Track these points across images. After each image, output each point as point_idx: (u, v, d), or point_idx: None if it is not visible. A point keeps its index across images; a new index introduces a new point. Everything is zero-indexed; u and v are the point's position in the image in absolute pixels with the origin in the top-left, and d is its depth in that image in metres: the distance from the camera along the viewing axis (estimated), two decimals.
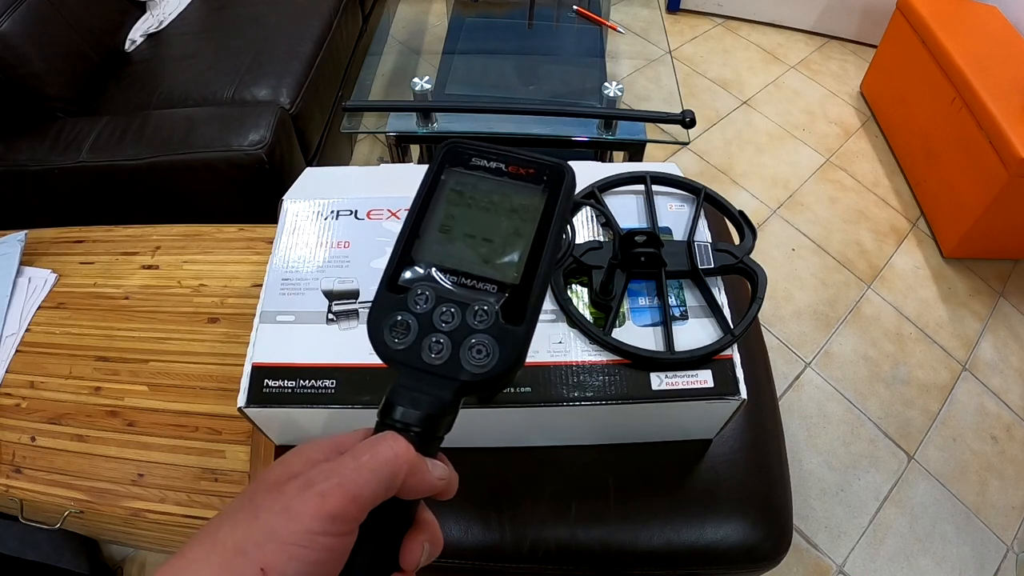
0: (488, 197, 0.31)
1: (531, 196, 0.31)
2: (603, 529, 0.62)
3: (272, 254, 0.62)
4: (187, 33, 1.52)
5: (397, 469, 0.25)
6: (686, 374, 0.56)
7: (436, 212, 0.31)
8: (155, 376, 0.78)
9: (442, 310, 0.28)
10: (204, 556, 0.23)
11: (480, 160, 0.32)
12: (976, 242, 1.62)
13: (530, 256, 0.29)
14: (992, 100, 1.48)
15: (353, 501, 0.23)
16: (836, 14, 2.27)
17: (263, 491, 0.24)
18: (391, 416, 0.27)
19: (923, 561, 1.21)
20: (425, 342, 0.28)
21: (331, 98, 1.55)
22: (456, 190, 0.31)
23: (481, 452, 0.65)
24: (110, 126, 1.23)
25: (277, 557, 0.22)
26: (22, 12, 1.20)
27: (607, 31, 1.58)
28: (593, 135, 1.26)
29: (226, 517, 0.24)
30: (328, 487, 0.23)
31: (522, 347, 0.28)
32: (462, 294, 0.29)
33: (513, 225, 0.30)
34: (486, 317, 0.28)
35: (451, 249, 0.30)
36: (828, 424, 1.38)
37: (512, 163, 0.31)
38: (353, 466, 0.24)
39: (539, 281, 0.29)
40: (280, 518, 0.23)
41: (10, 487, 0.71)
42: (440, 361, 0.27)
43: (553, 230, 0.30)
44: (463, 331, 0.28)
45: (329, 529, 0.23)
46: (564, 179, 0.31)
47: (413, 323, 0.28)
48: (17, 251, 0.88)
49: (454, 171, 0.32)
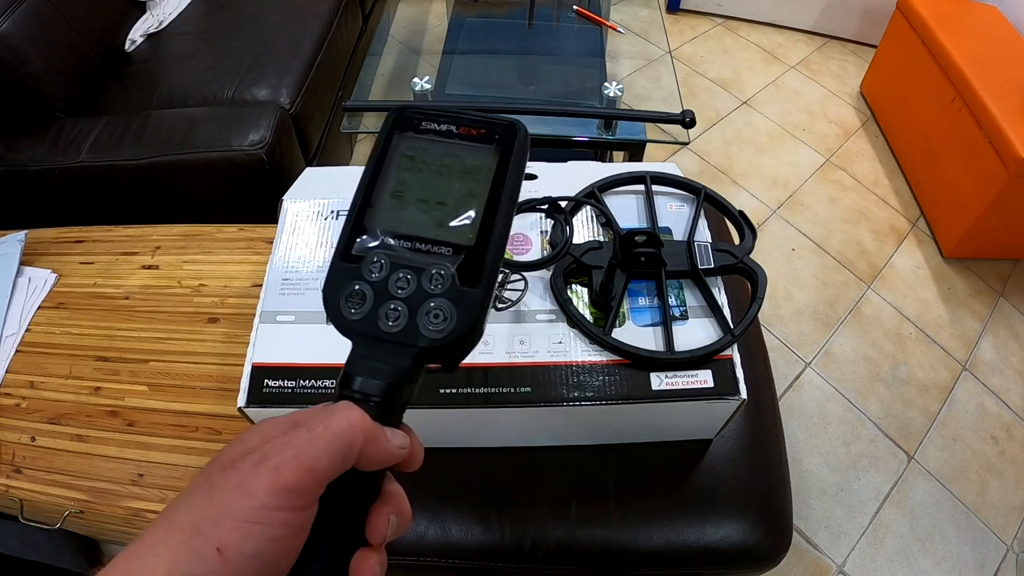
0: (439, 160, 0.30)
1: (483, 156, 0.30)
2: (603, 529, 0.62)
3: (272, 254, 0.62)
4: (187, 33, 1.52)
5: (353, 439, 0.24)
6: (686, 374, 0.56)
7: (388, 179, 0.30)
8: (155, 376, 0.78)
9: (397, 276, 0.28)
10: (162, 539, 0.22)
11: (430, 123, 0.31)
12: (976, 242, 1.62)
13: (484, 217, 0.29)
14: (992, 100, 1.48)
15: (308, 473, 0.23)
16: (836, 14, 2.27)
17: (218, 470, 0.24)
18: (349, 387, 0.26)
19: (923, 561, 1.21)
20: (381, 310, 0.27)
21: (331, 98, 1.55)
22: (407, 155, 0.30)
23: (481, 452, 0.65)
24: (110, 126, 1.23)
25: (233, 535, 0.22)
26: (22, 12, 1.20)
27: (607, 31, 1.58)
28: (593, 135, 1.27)
29: (183, 499, 0.23)
30: (282, 460, 0.23)
31: (480, 309, 0.27)
32: (417, 259, 0.28)
33: (466, 187, 0.29)
34: (442, 281, 0.27)
35: (404, 215, 0.29)
36: (828, 424, 1.38)
37: (462, 124, 0.31)
38: (307, 438, 0.23)
39: (495, 241, 0.28)
40: (234, 495, 0.22)
41: (10, 487, 0.71)
42: (397, 328, 0.27)
43: (507, 189, 0.29)
44: (419, 296, 0.27)
45: (285, 504, 0.22)
46: (516, 137, 0.30)
47: (368, 292, 0.28)
48: (17, 251, 0.88)
49: (404, 136, 0.31)
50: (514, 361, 0.56)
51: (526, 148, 0.31)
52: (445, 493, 0.64)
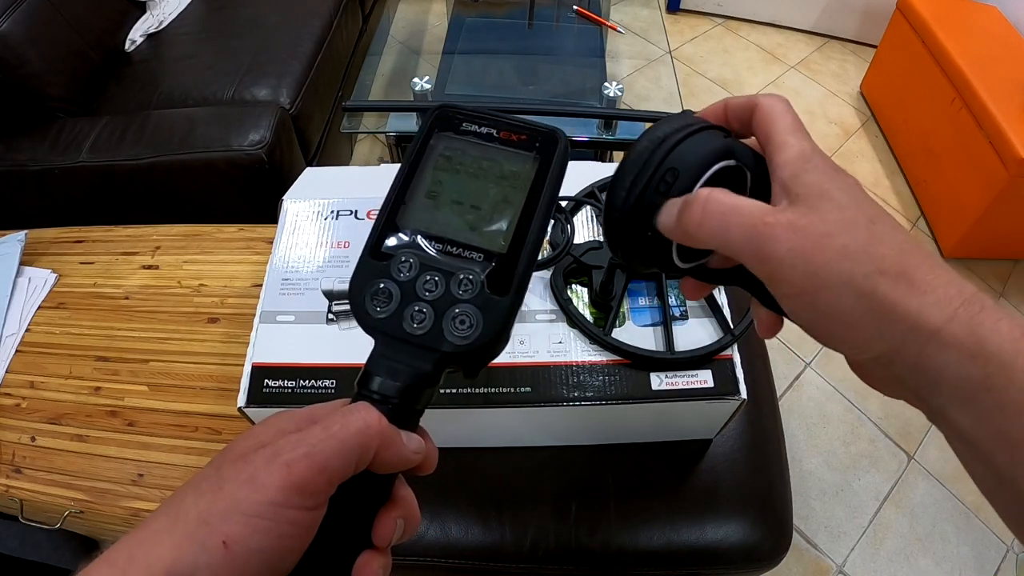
0: (477, 163, 0.30)
1: (522, 163, 0.30)
2: (603, 529, 0.62)
3: (272, 254, 0.62)
4: (187, 33, 1.52)
5: (368, 440, 0.24)
6: (686, 374, 0.56)
7: (423, 178, 0.30)
8: (155, 376, 0.78)
9: (426, 278, 0.27)
10: (167, 527, 0.22)
11: (470, 125, 0.31)
12: (976, 242, 1.62)
13: (519, 224, 0.28)
14: (992, 100, 1.48)
15: (320, 472, 0.22)
16: (836, 14, 2.27)
17: (229, 461, 0.23)
18: (368, 387, 0.26)
19: (923, 561, 1.21)
20: (407, 311, 0.27)
21: (331, 98, 1.55)
22: (445, 155, 0.30)
23: (481, 452, 0.65)
24: (110, 126, 1.23)
25: (241, 529, 0.21)
26: (22, 12, 1.20)
27: (607, 31, 1.58)
28: (593, 135, 1.27)
29: (191, 488, 0.23)
30: (295, 457, 0.22)
31: (507, 318, 0.27)
32: (447, 262, 0.28)
33: (502, 192, 0.29)
34: (471, 286, 0.27)
35: (437, 216, 0.29)
36: (828, 424, 1.38)
37: (503, 128, 0.30)
38: (322, 436, 0.23)
39: (527, 250, 0.28)
40: (245, 489, 0.22)
41: (10, 487, 0.71)
42: (422, 331, 0.26)
43: (544, 198, 0.29)
44: (447, 300, 0.27)
45: (295, 501, 0.22)
46: (557, 146, 0.30)
47: (395, 291, 0.27)
48: (17, 251, 0.88)
49: (443, 136, 0.30)
50: (514, 361, 0.56)
51: (566, 157, 0.30)
52: (445, 493, 0.64)
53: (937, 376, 0.23)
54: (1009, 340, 0.22)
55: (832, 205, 0.25)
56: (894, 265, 0.24)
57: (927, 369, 0.24)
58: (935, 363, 0.23)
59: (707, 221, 0.27)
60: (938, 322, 0.23)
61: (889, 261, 0.24)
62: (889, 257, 0.24)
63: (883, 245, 0.24)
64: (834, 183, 0.26)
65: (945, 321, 0.23)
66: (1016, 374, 0.22)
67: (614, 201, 0.30)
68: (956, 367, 0.23)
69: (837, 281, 0.24)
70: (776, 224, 0.25)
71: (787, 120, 0.28)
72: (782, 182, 0.27)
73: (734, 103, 0.31)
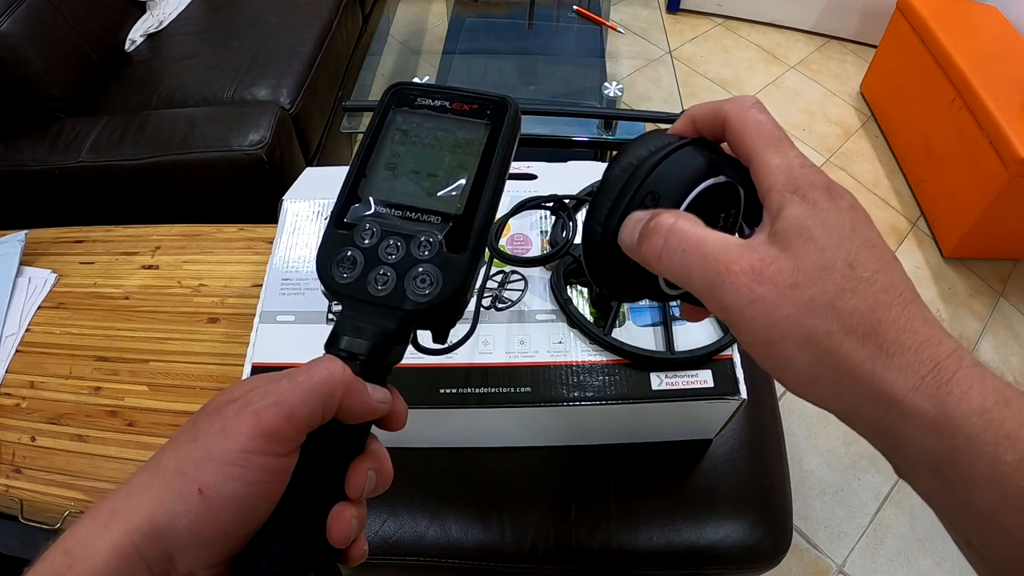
0: (432, 134, 0.31)
1: (474, 131, 0.31)
2: (603, 529, 0.62)
3: (272, 254, 0.62)
4: (187, 33, 1.52)
5: (332, 388, 0.25)
6: (686, 374, 0.56)
7: (382, 151, 0.31)
8: (155, 376, 0.78)
9: (387, 243, 0.29)
10: (147, 480, 0.23)
11: (425, 99, 0.32)
12: (976, 242, 1.62)
13: (473, 187, 0.30)
14: (992, 100, 1.48)
15: (288, 419, 0.23)
16: (836, 14, 2.27)
17: (204, 416, 0.24)
18: (336, 345, 0.27)
19: (923, 561, 1.21)
20: (371, 275, 0.28)
21: (331, 98, 1.55)
22: (402, 129, 0.32)
23: (481, 452, 0.65)
24: (110, 126, 1.23)
25: (214, 476, 0.22)
26: (22, 12, 1.20)
27: (607, 31, 1.58)
28: (593, 135, 1.27)
29: (170, 444, 0.24)
30: (263, 406, 0.23)
31: (466, 274, 0.28)
32: (407, 227, 0.29)
33: (457, 159, 0.31)
34: (430, 247, 0.28)
35: (396, 185, 0.30)
36: (828, 424, 1.38)
37: (455, 100, 0.32)
38: (288, 386, 0.24)
39: (482, 210, 0.29)
40: (217, 438, 0.23)
41: (10, 487, 0.71)
42: (385, 292, 0.28)
43: (496, 160, 0.30)
44: (408, 262, 0.28)
45: (265, 448, 0.23)
46: (507, 112, 0.31)
47: (359, 257, 0.29)
48: (17, 251, 0.88)
49: (400, 111, 0.32)
50: (514, 361, 0.56)
51: (517, 122, 0.32)
52: (445, 493, 0.64)
53: (899, 443, 0.22)
54: (979, 411, 0.21)
55: (810, 247, 0.23)
56: (862, 323, 0.22)
57: (888, 435, 0.22)
58: (895, 431, 0.22)
59: (667, 256, 0.25)
60: (901, 391, 0.21)
61: (857, 318, 0.22)
62: (859, 313, 0.22)
63: (855, 297, 0.22)
64: (817, 217, 0.24)
65: (909, 390, 0.21)
66: (984, 447, 0.20)
67: (590, 236, 0.29)
68: (919, 438, 0.21)
69: (799, 336, 0.23)
70: (740, 272, 0.23)
71: (764, 131, 0.26)
72: (767, 209, 0.25)
73: (699, 114, 0.29)
